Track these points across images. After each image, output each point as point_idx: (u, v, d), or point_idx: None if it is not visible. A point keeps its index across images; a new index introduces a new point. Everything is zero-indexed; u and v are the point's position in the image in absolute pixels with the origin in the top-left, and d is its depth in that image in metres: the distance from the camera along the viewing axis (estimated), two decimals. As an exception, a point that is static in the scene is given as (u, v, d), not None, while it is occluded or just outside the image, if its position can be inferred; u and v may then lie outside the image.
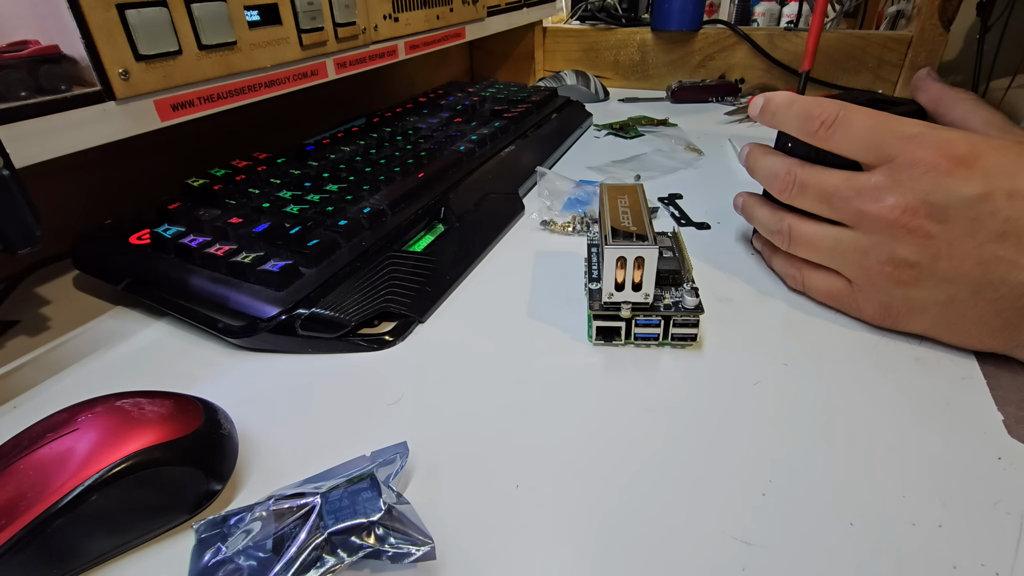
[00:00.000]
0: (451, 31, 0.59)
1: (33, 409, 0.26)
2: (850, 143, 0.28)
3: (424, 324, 0.31)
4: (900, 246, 0.26)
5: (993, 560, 0.19)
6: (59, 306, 0.35)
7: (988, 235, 0.24)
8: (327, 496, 0.19)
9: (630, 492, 0.21)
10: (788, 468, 0.22)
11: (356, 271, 0.32)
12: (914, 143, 0.26)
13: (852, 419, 0.24)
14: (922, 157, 0.25)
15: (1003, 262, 0.24)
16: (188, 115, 0.34)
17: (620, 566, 0.19)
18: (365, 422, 0.25)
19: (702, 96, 0.73)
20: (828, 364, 0.27)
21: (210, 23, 0.33)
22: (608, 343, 0.29)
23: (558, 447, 0.23)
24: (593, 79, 0.76)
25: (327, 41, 0.42)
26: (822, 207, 0.29)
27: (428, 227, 0.40)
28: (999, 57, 0.58)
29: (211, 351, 0.30)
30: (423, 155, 0.45)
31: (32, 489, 0.18)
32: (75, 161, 0.29)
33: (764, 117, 0.32)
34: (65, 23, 0.28)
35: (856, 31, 0.72)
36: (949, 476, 0.22)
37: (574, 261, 0.36)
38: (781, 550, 0.19)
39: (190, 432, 0.21)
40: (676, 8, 0.74)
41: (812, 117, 0.29)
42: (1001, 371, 0.27)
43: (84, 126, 0.29)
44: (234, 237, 0.33)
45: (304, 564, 0.17)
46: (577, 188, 0.44)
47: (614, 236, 0.27)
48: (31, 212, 0.24)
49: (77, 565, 0.19)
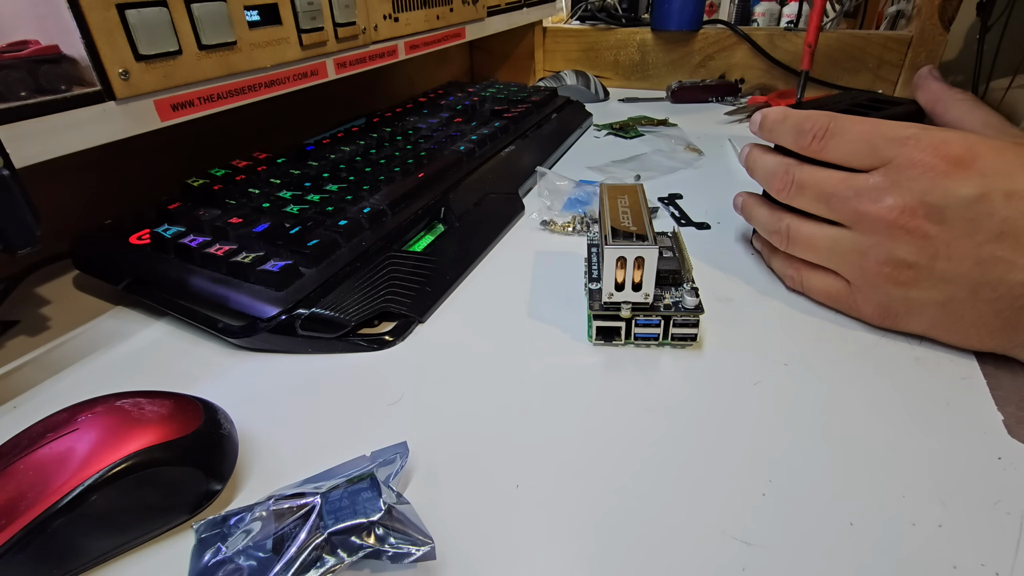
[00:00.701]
0: (451, 31, 0.59)
1: (33, 409, 0.26)
2: (845, 151, 0.28)
3: (424, 324, 0.31)
4: (898, 247, 0.26)
5: (993, 560, 0.19)
6: (59, 306, 0.35)
7: (986, 236, 0.24)
8: (327, 496, 0.19)
9: (630, 492, 0.21)
10: (788, 468, 0.22)
11: (356, 271, 0.32)
12: (910, 144, 0.26)
13: (852, 419, 0.24)
14: (919, 158, 0.26)
15: (1001, 263, 0.24)
16: (188, 115, 0.34)
17: (620, 566, 0.19)
18: (365, 422, 0.25)
19: (702, 96, 0.73)
20: (828, 364, 0.27)
21: (210, 23, 0.33)
22: (608, 343, 0.29)
23: (558, 447, 0.23)
24: (593, 79, 0.76)
25: (327, 41, 0.42)
26: (820, 207, 0.29)
27: (428, 227, 0.40)
28: (999, 57, 0.58)
29: (211, 351, 0.30)
30: (423, 155, 0.45)
31: (32, 489, 0.18)
32: (75, 161, 0.29)
33: (762, 132, 0.32)
34: (65, 23, 0.28)
35: (856, 31, 0.72)
36: (949, 476, 0.22)
37: (574, 261, 0.36)
38: (781, 550, 0.19)
39: (190, 432, 0.21)
40: (676, 8, 0.74)
41: (804, 131, 0.29)
42: (1001, 371, 0.27)
43: (84, 126, 0.29)
44: (234, 237, 0.33)
45: (304, 564, 0.17)
46: (577, 188, 0.44)
47: (614, 236, 0.27)
48: (31, 212, 0.24)
49: (77, 565, 0.19)
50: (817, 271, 0.31)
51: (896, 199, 0.26)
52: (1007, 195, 0.24)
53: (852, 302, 0.30)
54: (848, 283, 0.29)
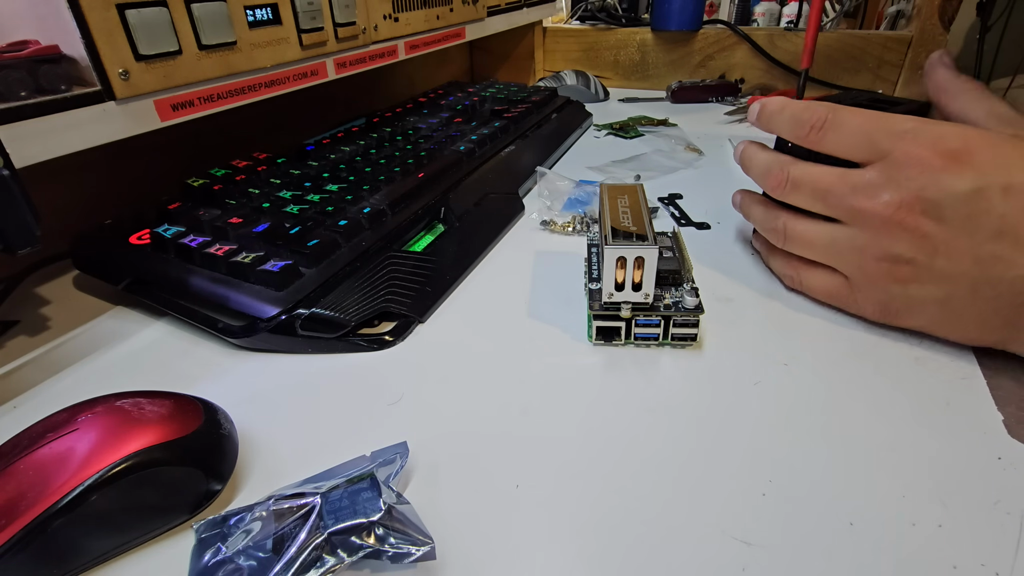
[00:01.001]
0: (451, 31, 0.59)
1: (33, 409, 0.26)
2: (842, 143, 0.28)
3: (424, 324, 0.31)
4: (896, 243, 0.26)
5: (993, 560, 0.19)
6: (59, 306, 0.35)
7: (985, 233, 0.24)
8: (327, 496, 0.19)
9: (630, 492, 0.21)
10: (788, 468, 0.22)
11: (356, 271, 0.32)
12: (907, 139, 0.26)
13: (852, 419, 0.24)
14: (915, 153, 0.25)
15: (1000, 261, 0.24)
16: (188, 115, 0.34)
17: (620, 566, 0.19)
18: (365, 422, 0.25)
19: (702, 96, 0.73)
20: (828, 364, 0.27)
21: (210, 23, 0.33)
22: (608, 343, 0.29)
23: (558, 447, 0.23)
24: (593, 79, 0.76)
25: (327, 41, 0.42)
26: (816, 204, 0.29)
27: (428, 227, 0.40)
28: (999, 57, 0.58)
29: (211, 351, 0.30)
30: (423, 155, 0.45)
31: (32, 489, 0.18)
32: (75, 161, 0.29)
33: (760, 122, 0.32)
34: (65, 23, 0.28)
35: (856, 31, 0.72)
36: (949, 476, 0.22)
37: (574, 261, 0.36)
38: (781, 550, 0.19)
39: (190, 432, 0.21)
40: (676, 8, 0.74)
41: (802, 122, 0.29)
42: (1001, 371, 0.27)
43: (84, 126, 0.29)
44: (234, 237, 0.33)
45: (304, 564, 0.17)
46: (577, 188, 0.44)
47: (614, 236, 0.27)
48: (31, 212, 0.24)
49: (77, 565, 0.19)
50: (815, 269, 0.31)
51: (893, 195, 0.26)
52: (1004, 190, 0.24)
53: (851, 299, 0.29)
54: (847, 280, 0.29)
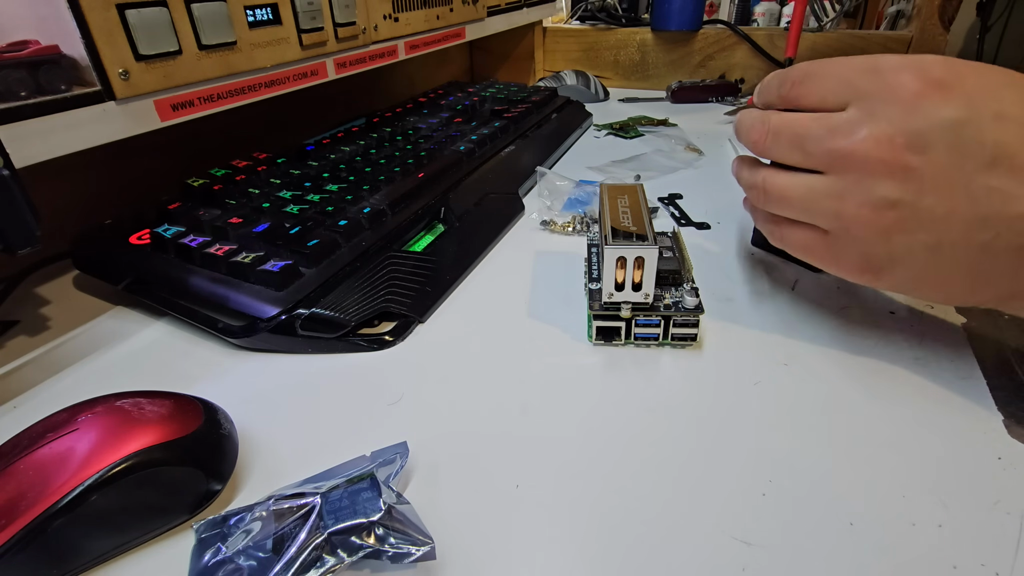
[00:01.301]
0: (451, 31, 0.59)
1: (33, 409, 0.26)
2: (821, 90, 0.26)
3: (424, 324, 0.31)
4: (878, 184, 0.23)
5: (993, 560, 0.19)
6: (59, 306, 0.35)
7: (976, 164, 0.22)
8: (327, 496, 0.19)
9: (630, 492, 0.21)
10: (788, 468, 0.22)
11: (356, 271, 0.32)
12: (889, 73, 0.24)
13: (852, 419, 0.24)
14: (896, 83, 0.23)
15: (996, 193, 0.21)
16: (188, 115, 0.34)
17: (620, 566, 0.19)
18: (365, 422, 0.25)
19: (702, 96, 0.73)
20: (828, 364, 0.27)
21: (210, 23, 0.33)
22: (608, 343, 0.29)
23: (558, 447, 0.23)
24: (593, 79, 0.76)
25: (327, 41, 0.42)
26: (795, 154, 0.27)
27: (428, 227, 0.40)
28: (999, 57, 0.58)
29: (211, 351, 0.30)
30: (423, 155, 0.45)
31: (32, 489, 0.18)
32: (75, 161, 0.29)
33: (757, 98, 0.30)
34: (65, 23, 0.28)
35: (856, 31, 0.72)
36: (949, 476, 0.22)
37: (574, 261, 0.36)
38: (781, 550, 0.19)
39: (190, 432, 0.21)
40: (676, 8, 0.74)
41: (784, 80, 0.27)
42: (1001, 371, 0.27)
43: (84, 126, 0.29)
44: (234, 237, 0.33)
45: (304, 564, 0.17)
46: (577, 188, 0.44)
47: (614, 236, 0.27)
48: (31, 212, 0.24)
49: (77, 565, 0.19)
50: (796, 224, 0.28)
51: (872, 129, 0.23)
52: (996, 116, 0.21)
53: (831, 254, 0.27)
54: (827, 234, 0.26)
